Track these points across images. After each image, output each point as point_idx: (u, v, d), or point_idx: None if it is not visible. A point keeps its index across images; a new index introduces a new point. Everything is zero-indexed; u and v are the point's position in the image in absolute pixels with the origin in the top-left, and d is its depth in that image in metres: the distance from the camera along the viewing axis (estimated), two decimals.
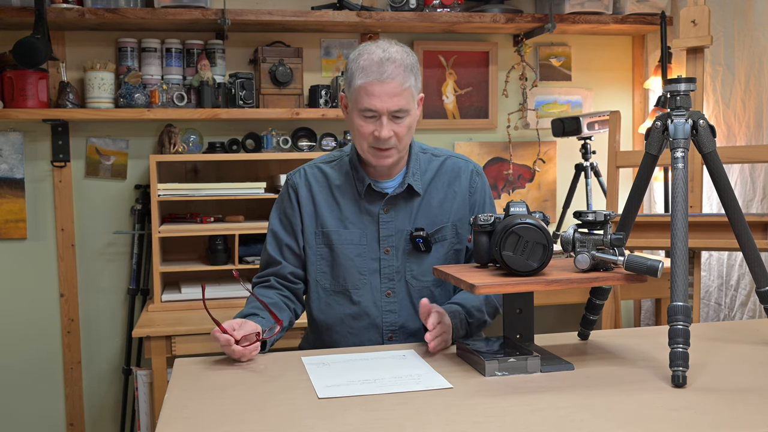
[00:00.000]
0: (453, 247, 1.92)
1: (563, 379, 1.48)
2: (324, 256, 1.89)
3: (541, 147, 3.47)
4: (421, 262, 1.89)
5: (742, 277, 2.83)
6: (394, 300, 1.88)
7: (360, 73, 1.76)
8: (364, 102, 1.76)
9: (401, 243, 1.88)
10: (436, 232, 1.89)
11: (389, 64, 1.74)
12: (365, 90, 1.75)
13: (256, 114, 3.02)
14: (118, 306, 3.18)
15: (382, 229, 1.88)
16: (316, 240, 1.90)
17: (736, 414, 1.27)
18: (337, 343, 1.90)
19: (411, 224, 1.89)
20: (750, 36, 2.78)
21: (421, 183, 1.90)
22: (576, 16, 3.21)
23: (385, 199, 1.87)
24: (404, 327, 1.89)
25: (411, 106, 1.79)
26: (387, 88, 1.74)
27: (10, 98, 2.88)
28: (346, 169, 1.91)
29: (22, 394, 3.12)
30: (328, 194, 1.90)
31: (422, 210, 1.89)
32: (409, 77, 1.76)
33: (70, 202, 3.10)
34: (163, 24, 2.97)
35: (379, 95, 1.74)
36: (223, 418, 1.31)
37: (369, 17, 3.05)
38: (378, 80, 1.73)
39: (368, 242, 1.88)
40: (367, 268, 1.88)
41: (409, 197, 1.89)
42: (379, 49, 1.77)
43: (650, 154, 1.61)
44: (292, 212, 1.91)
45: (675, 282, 1.44)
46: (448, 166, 1.94)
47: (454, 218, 1.91)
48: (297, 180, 1.92)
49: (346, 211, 1.88)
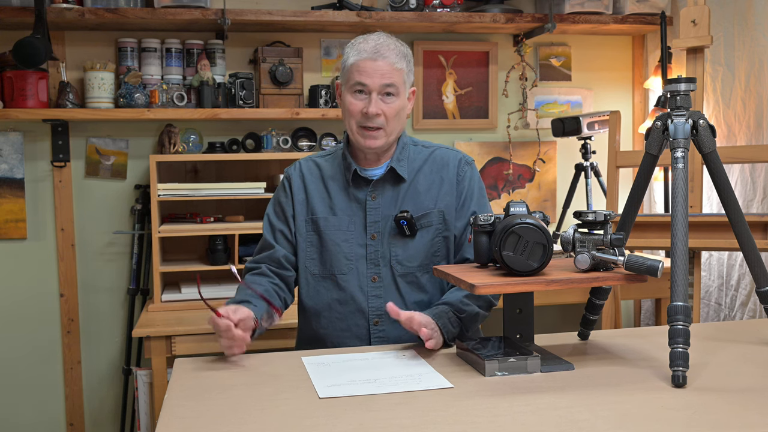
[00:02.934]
0: (440, 234, 1.93)
1: (563, 379, 1.48)
2: (313, 243, 1.95)
3: (541, 147, 3.47)
4: (407, 247, 1.91)
5: (742, 277, 2.83)
6: (379, 285, 1.91)
7: (353, 54, 1.86)
8: (354, 77, 1.85)
9: (387, 228, 1.92)
10: (421, 216, 1.92)
11: (383, 46, 1.85)
12: (357, 67, 1.84)
13: (256, 114, 3.03)
14: (118, 306, 3.18)
15: (369, 215, 1.92)
16: (306, 227, 1.95)
17: (736, 414, 1.27)
18: (325, 328, 1.93)
19: (397, 209, 1.92)
20: (750, 36, 2.78)
21: (407, 170, 1.94)
22: (576, 16, 3.21)
23: (371, 184, 1.92)
24: None
25: (402, 88, 1.87)
26: (378, 65, 1.83)
27: (10, 98, 2.88)
28: (338, 161, 1.98)
29: (22, 394, 3.12)
30: (320, 184, 1.97)
31: (409, 195, 1.93)
32: (401, 60, 1.85)
33: (70, 202, 3.10)
34: (163, 24, 2.97)
35: (371, 72, 1.83)
36: (224, 418, 1.31)
37: (369, 17, 3.05)
38: (370, 58, 1.83)
39: (356, 228, 1.92)
40: (354, 253, 1.92)
41: (395, 183, 1.94)
42: (375, 35, 1.88)
43: (650, 154, 1.61)
44: (286, 200, 1.98)
45: (675, 282, 1.44)
46: (437, 155, 1.99)
47: (440, 204, 1.94)
48: (291, 172, 2.01)
49: (336, 198, 1.94)
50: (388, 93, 1.84)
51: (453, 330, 1.76)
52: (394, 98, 1.85)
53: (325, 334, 1.93)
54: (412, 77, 1.92)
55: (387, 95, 1.85)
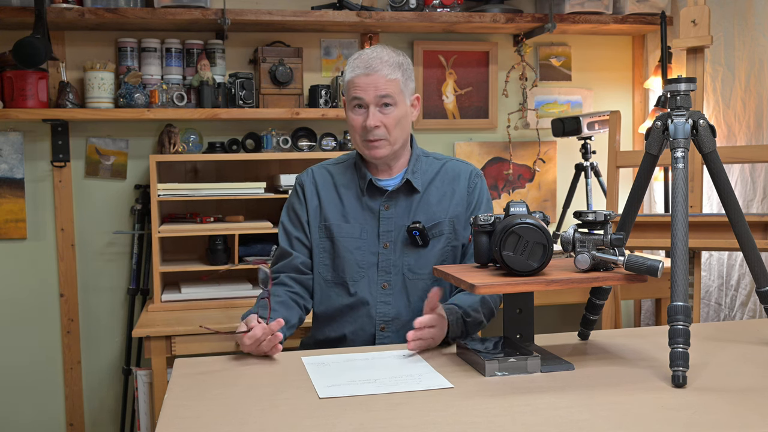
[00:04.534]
0: (450, 243, 1.97)
1: (563, 379, 1.48)
2: (326, 249, 1.98)
3: (541, 147, 3.47)
4: (418, 257, 1.95)
5: (742, 277, 2.83)
6: (389, 292, 1.94)
7: (349, 70, 1.94)
8: (351, 93, 1.92)
9: (400, 238, 1.95)
10: (433, 226, 1.96)
11: (375, 60, 1.89)
12: (353, 83, 1.91)
13: (256, 114, 3.03)
14: (118, 306, 3.18)
15: (382, 224, 1.95)
16: (319, 233, 1.98)
17: (736, 414, 1.27)
18: (334, 332, 1.97)
19: (410, 220, 1.96)
20: (750, 36, 2.78)
21: (421, 182, 1.98)
22: (576, 16, 3.21)
23: (386, 194, 1.96)
24: (397, 318, 1.95)
25: (398, 98, 1.90)
26: (372, 79, 1.88)
27: (10, 98, 2.88)
28: (351, 169, 2.02)
29: (22, 394, 3.12)
30: (333, 191, 2.00)
31: (421, 206, 1.97)
32: (395, 71, 1.89)
33: (70, 202, 3.10)
34: (163, 24, 2.97)
35: (365, 86, 1.88)
36: (224, 418, 1.31)
37: (369, 17, 3.05)
38: (364, 73, 1.89)
39: (368, 237, 1.95)
40: (366, 261, 1.95)
41: (409, 194, 1.97)
42: (370, 50, 1.94)
43: (650, 154, 1.61)
44: (300, 207, 2.01)
45: (675, 282, 1.44)
46: (449, 167, 2.04)
47: (451, 214, 1.98)
48: (304, 178, 2.04)
49: (349, 206, 1.98)
50: (386, 104, 1.89)
51: (456, 331, 1.77)
52: (392, 108, 1.89)
53: (334, 337, 1.97)
54: (412, 85, 1.96)
55: (385, 106, 1.89)
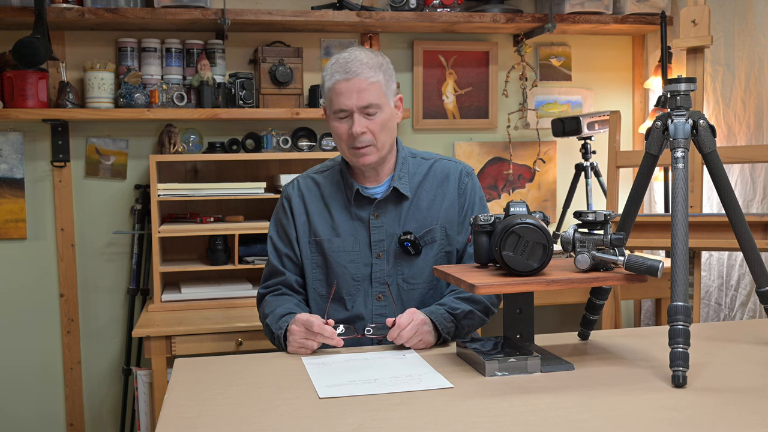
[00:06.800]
0: (443, 250, 1.93)
1: (563, 379, 1.48)
2: (319, 264, 1.94)
3: (541, 147, 3.47)
4: (412, 265, 1.91)
5: (742, 277, 2.83)
6: (384, 303, 1.91)
7: (328, 76, 1.85)
8: (335, 103, 1.83)
9: (392, 247, 1.91)
10: (425, 234, 1.91)
11: (354, 63, 1.81)
12: (334, 90, 1.83)
13: (256, 114, 3.02)
14: (118, 306, 3.18)
15: (373, 234, 1.91)
16: (310, 249, 1.94)
17: (736, 414, 1.27)
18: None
19: (400, 228, 1.91)
20: (750, 36, 2.78)
21: (409, 186, 1.92)
22: (576, 16, 3.21)
23: (374, 203, 1.91)
24: None
25: (382, 101, 1.83)
26: (353, 84, 1.80)
27: (10, 98, 2.88)
28: (336, 177, 1.96)
29: (22, 394, 3.12)
30: (320, 203, 1.95)
31: (411, 213, 1.92)
32: (376, 73, 1.81)
33: (70, 202, 3.10)
34: (163, 24, 2.97)
35: (347, 93, 1.80)
36: (224, 418, 1.31)
37: (369, 17, 3.05)
38: (344, 78, 1.80)
39: (360, 248, 1.91)
40: (360, 274, 1.91)
41: (398, 201, 1.92)
42: (347, 53, 1.85)
43: (650, 154, 1.61)
44: (287, 222, 1.96)
45: (675, 282, 1.44)
46: (437, 168, 1.97)
47: (443, 220, 1.93)
48: (290, 191, 1.98)
49: (338, 218, 1.92)
50: (369, 111, 1.82)
51: (448, 325, 1.77)
52: (377, 112, 1.83)
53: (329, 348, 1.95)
54: (394, 85, 1.89)
55: (368, 114, 1.82)
